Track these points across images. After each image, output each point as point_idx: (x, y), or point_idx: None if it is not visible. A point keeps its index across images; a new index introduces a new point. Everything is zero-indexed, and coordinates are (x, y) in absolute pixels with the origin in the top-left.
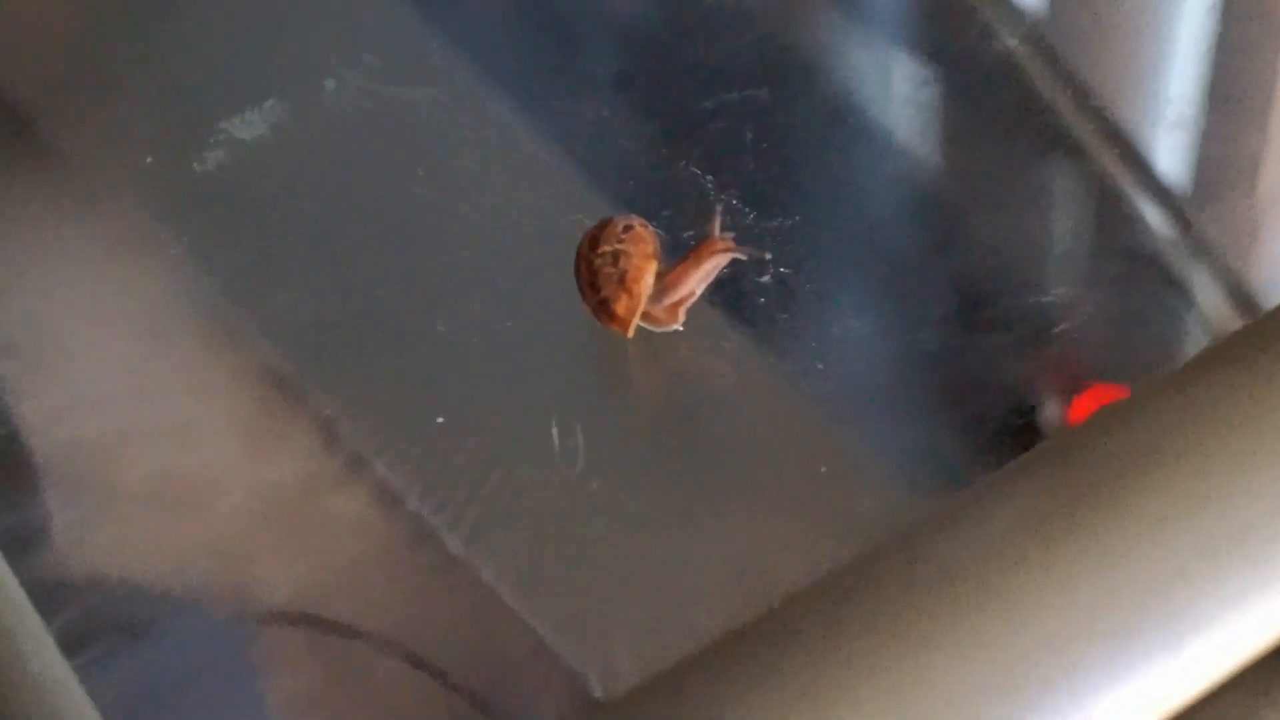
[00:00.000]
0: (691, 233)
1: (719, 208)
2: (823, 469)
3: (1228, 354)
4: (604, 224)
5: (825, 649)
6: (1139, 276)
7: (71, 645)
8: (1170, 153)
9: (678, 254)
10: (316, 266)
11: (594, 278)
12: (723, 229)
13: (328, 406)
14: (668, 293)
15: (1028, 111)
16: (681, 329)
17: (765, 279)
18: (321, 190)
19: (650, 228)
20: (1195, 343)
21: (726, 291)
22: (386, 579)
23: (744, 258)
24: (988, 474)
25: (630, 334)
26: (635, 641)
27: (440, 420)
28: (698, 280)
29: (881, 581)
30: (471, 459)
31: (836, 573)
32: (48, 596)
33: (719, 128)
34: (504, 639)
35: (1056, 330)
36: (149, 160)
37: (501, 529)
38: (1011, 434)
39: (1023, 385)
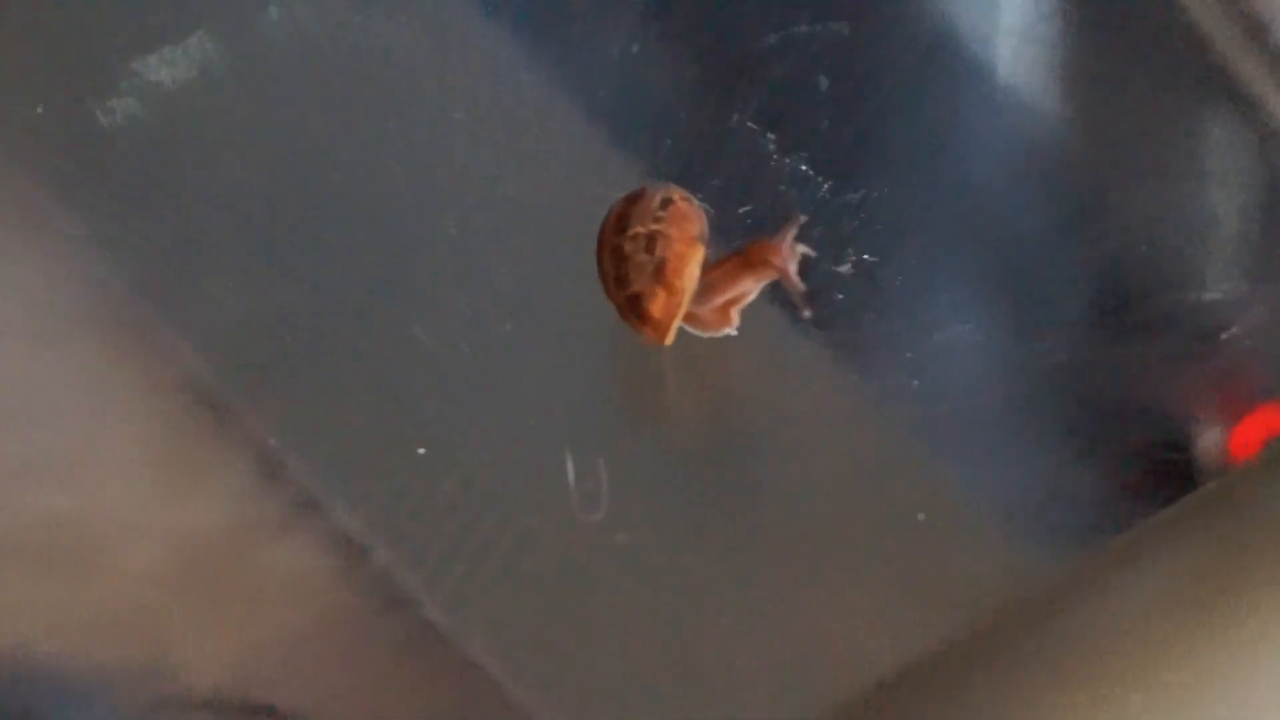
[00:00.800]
0: (750, 207)
1: (798, 216)
2: (920, 517)
3: None
4: (635, 197)
5: None
6: None
7: None
8: None
9: (731, 237)
10: (255, 251)
11: (622, 268)
12: (797, 235)
13: (268, 432)
14: (716, 290)
15: (1185, 51)
16: (735, 334)
17: (844, 269)
18: (262, 151)
19: (695, 202)
20: None
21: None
22: (341, 659)
23: (800, 287)
24: (1131, 526)
25: (668, 341)
26: None
27: (421, 452)
28: (750, 283)
29: (996, 669)
30: (457, 502)
31: (940, 654)
32: None
33: (784, 71)
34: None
35: (1220, 337)
36: (39, 111)
37: (495, 595)
38: (1160, 472)
39: (1175, 408)
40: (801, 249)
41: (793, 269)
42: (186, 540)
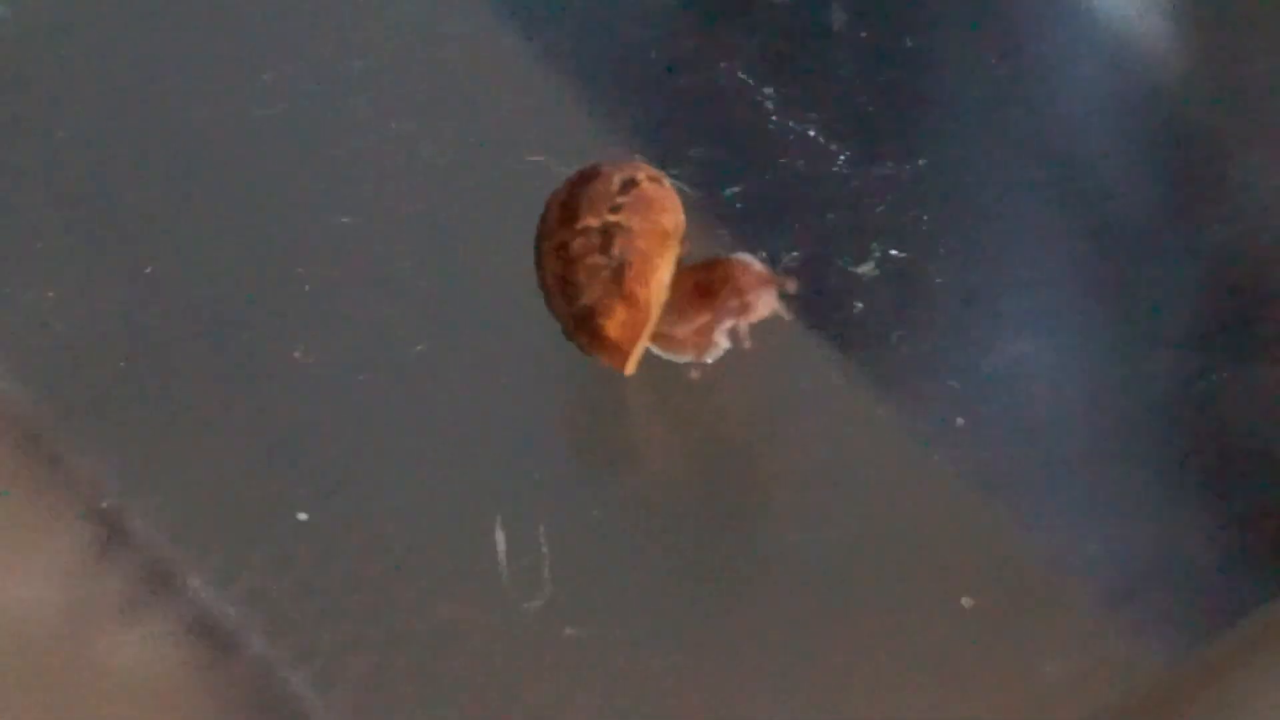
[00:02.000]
0: (739, 188)
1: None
2: (965, 603)
3: None
4: (587, 177)
5: None
6: None
7: None
8: None
9: (717, 229)
10: (86, 245)
11: (570, 273)
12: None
13: (107, 485)
14: (680, 311)
15: None
16: (713, 360)
17: (866, 269)
18: (96, 109)
19: (667, 183)
20: None
21: (798, 293)
22: None
23: (782, 314)
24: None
25: (629, 370)
26: None
27: (301, 517)
28: (708, 316)
29: None
30: (355, 581)
31: None
32: None
33: (787, 3)
34: None
35: None
36: None
37: (405, 703)
38: None
39: None
40: (781, 283)
41: (762, 302)
42: (5, 624)
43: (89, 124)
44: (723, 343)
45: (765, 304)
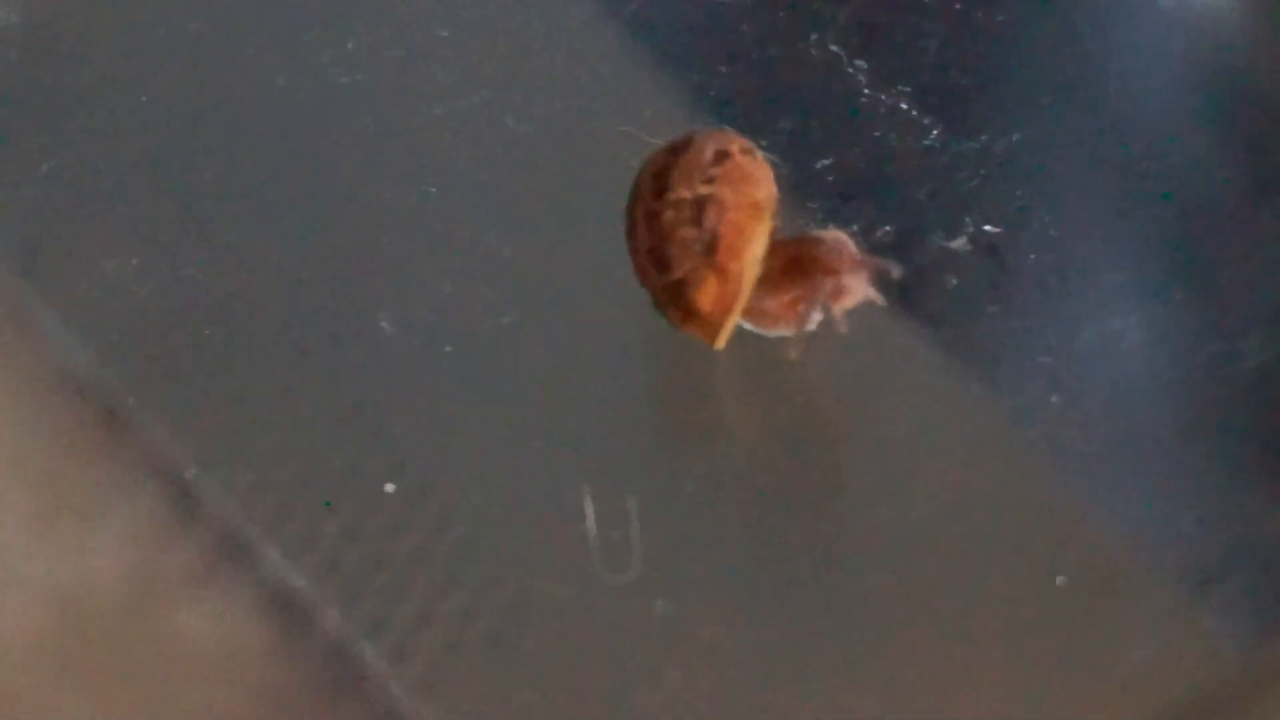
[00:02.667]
0: (831, 160)
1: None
2: (1059, 581)
3: None
4: (679, 148)
5: None
6: None
7: None
8: None
9: (808, 202)
10: (164, 212)
11: (662, 245)
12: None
13: (180, 454)
14: (785, 283)
15: None
16: (811, 333)
17: (958, 244)
18: (176, 77)
19: (759, 155)
20: None
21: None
22: None
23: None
24: None
25: (720, 343)
26: None
27: (389, 488)
28: (799, 291)
29: None
30: (434, 552)
31: None
32: None
33: None
34: None
35: None
36: None
37: (483, 677)
38: None
39: None
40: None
41: (856, 286)
42: (72, 596)
43: (174, 92)
44: (815, 318)
45: (859, 289)
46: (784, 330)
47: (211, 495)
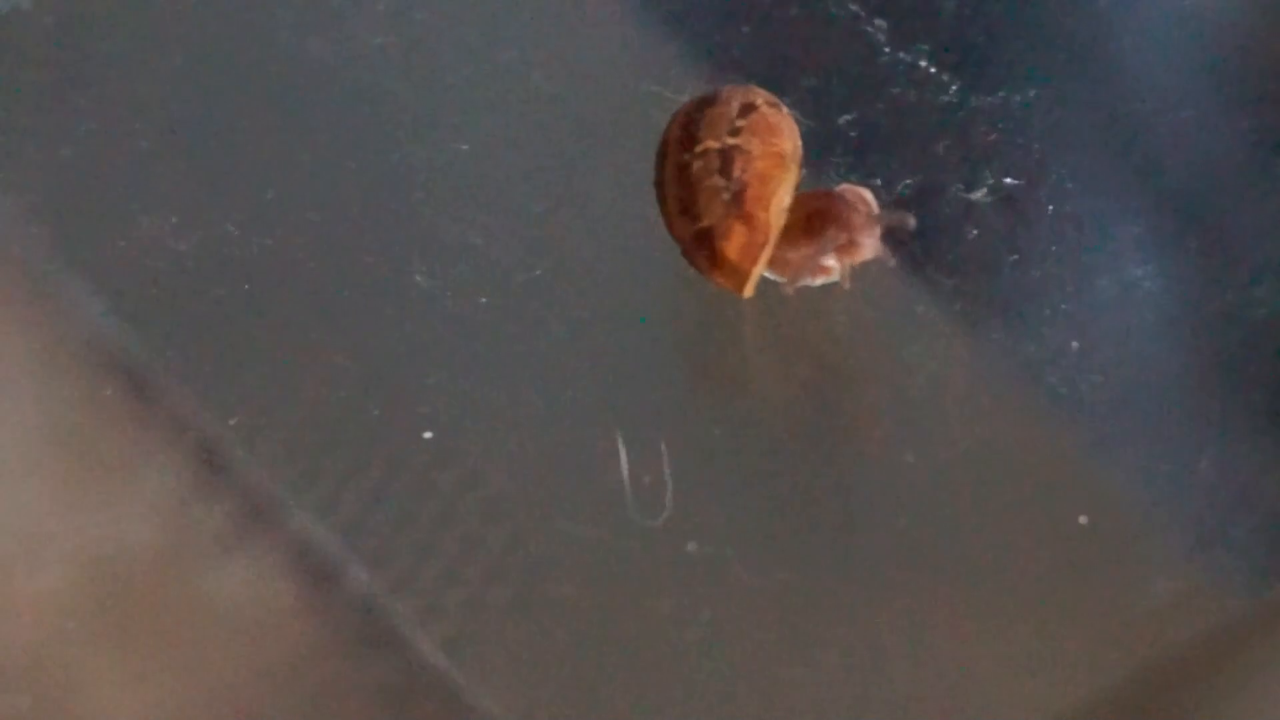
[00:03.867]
0: (852, 115)
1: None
2: (1082, 520)
3: None
4: (707, 101)
5: None
6: None
7: None
8: None
9: (830, 155)
10: (192, 174)
11: (690, 195)
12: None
13: (210, 417)
14: (803, 235)
15: None
16: (838, 283)
17: (979, 196)
18: (202, 35)
19: (784, 109)
20: None
21: (914, 218)
22: (307, 713)
23: (886, 257)
24: None
25: (747, 292)
26: None
27: (427, 435)
28: (812, 249)
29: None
30: (462, 505)
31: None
32: None
33: None
34: None
35: None
36: None
37: (514, 628)
38: None
39: None
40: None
41: (867, 243)
42: (104, 560)
43: (209, 55)
44: (838, 269)
45: (870, 246)
46: (811, 281)
47: (241, 458)
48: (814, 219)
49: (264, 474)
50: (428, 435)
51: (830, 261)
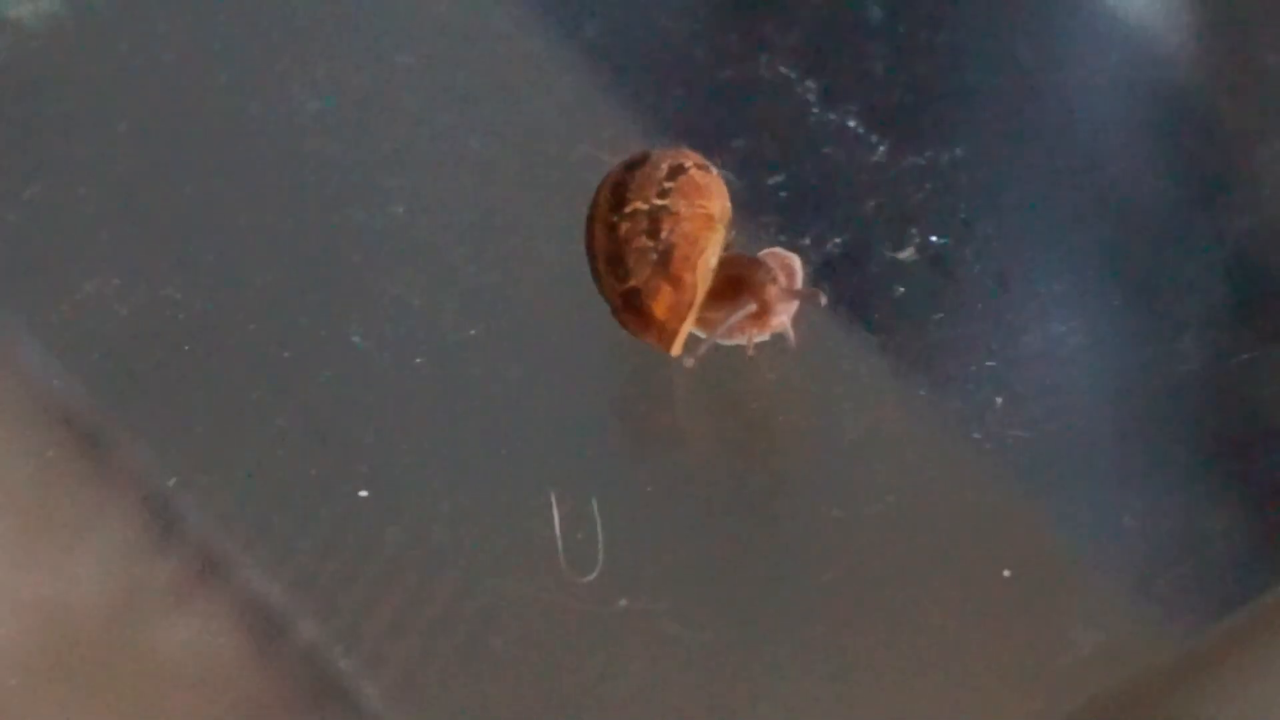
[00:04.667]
0: (782, 177)
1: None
2: (1005, 574)
3: None
4: (636, 163)
5: None
6: None
7: None
8: None
9: (760, 216)
10: (141, 234)
11: (619, 255)
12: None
13: (160, 472)
14: (722, 297)
15: None
16: (766, 340)
17: (906, 255)
18: (149, 104)
19: (713, 170)
20: None
21: (840, 278)
22: None
23: (789, 333)
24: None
25: (676, 350)
26: None
27: (362, 494)
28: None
29: None
30: (405, 561)
31: None
32: None
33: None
34: None
35: None
36: None
37: (457, 681)
38: None
39: None
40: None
41: (775, 318)
42: (54, 613)
43: (150, 119)
44: (772, 328)
45: (780, 320)
46: (740, 340)
47: (190, 513)
48: (730, 285)
49: (212, 529)
50: (363, 494)
51: (740, 327)
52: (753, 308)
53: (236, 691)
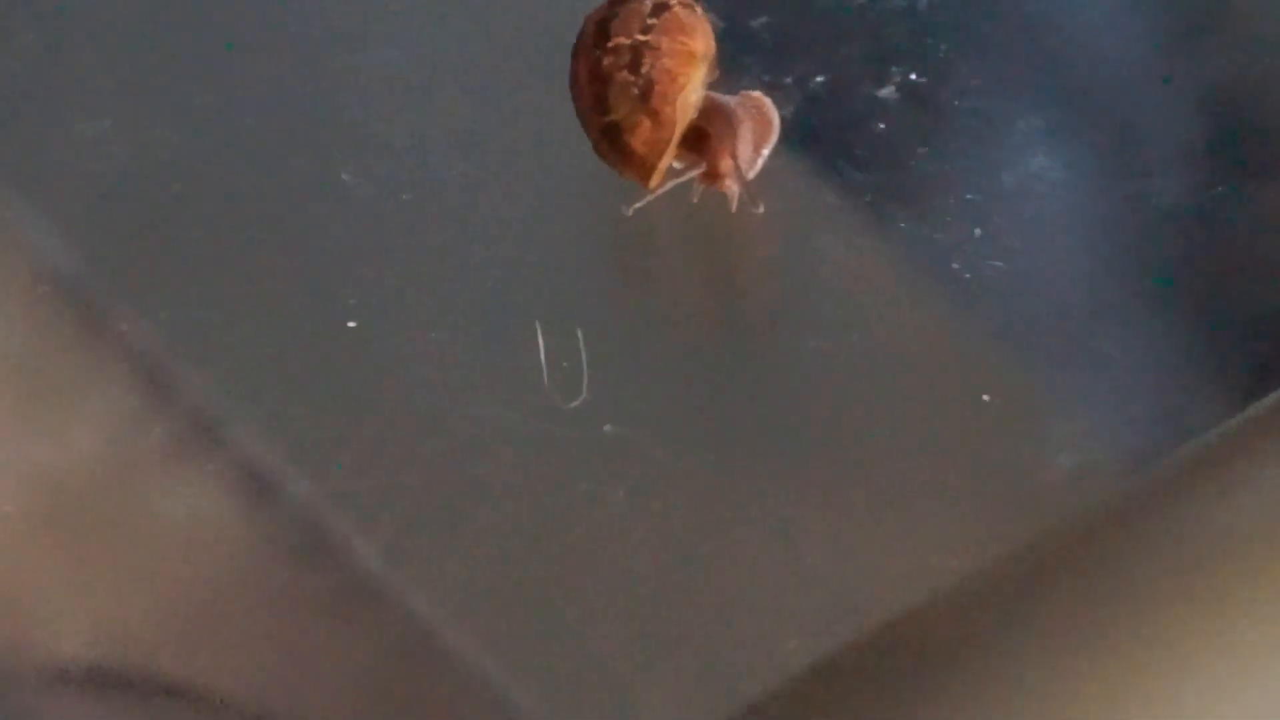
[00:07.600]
0: (766, 19)
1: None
2: (984, 398)
3: None
4: (620, 1)
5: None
6: None
7: None
8: None
9: (743, 54)
10: (127, 80)
11: (601, 90)
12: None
13: (153, 335)
14: (684, 144)
15: None
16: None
17: (886, 93)
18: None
19: (698, 9)
20: None
21: (822, 114)
22: (248, 621)
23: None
24: (1251, 406)
25: (653, 185)
26: (676, 700)
27: (351, 325)
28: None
29: (1084, 581)
30: (393, 390)
31: (1011, 561)
32: None
33: None
34: (446, 711)
35: None
36: None
37: (445, 516)
38: None
39: None
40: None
41: (726, 182)
42: (50, 476)
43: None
44: (754, 166)
45: (724, 186)
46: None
47: (184, 375)
48: (696, 134)
49: (207, 391)
50: (351, 325)
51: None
52: (703, 168)
53: (228, 551)
